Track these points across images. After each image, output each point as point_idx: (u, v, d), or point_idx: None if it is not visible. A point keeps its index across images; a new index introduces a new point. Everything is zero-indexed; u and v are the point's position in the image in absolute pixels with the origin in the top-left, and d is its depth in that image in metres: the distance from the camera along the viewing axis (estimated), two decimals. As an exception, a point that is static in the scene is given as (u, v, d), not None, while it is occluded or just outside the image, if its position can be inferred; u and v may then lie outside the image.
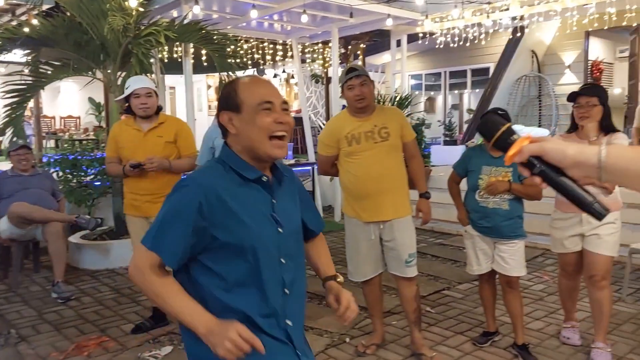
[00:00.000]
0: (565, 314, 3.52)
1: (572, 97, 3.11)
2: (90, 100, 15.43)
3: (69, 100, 15.66)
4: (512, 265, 3.20)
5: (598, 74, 10.06)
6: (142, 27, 5.38)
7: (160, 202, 3.71)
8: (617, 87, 10.05)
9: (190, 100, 6.43)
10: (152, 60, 5.60)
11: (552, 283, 4.69)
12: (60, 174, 6.16)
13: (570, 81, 9.36)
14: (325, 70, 12.11)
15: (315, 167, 7.87)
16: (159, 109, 3.62)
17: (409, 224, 3.22)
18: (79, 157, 6.32)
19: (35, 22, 5.29)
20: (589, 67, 9.47)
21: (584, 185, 1.03)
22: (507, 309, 3.37)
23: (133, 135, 3.55)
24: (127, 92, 3.53)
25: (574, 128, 3.18)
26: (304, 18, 6.81)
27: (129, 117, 3.62)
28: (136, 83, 3.54)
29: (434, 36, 8.66)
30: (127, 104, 3.57)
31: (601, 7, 6.82)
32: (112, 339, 3.62)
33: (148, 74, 5.14)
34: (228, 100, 1.49)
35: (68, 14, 5.54)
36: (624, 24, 7.13)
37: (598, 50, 10.00)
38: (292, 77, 15.85)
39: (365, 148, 3.10)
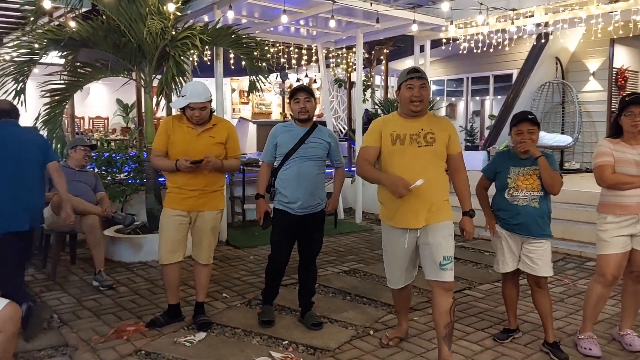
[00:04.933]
0: (586, 323, 3.47)
1: (624, 105, 3.30)
2: (119, 101, 15.79)
3: (98, 102, 16.04)
4: (540, 265, 3.31)
5: (623, 82, 10.05)
6: (178, 31, 5.61)
7: (204, 198, 3.97)
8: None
9: (221, 102, 6.64)
10: (187, 62, 5.82)
11: (572, 286, 4.78)
12: (96, 170, 6.41)
13: (595, 88, 9.37)
14: (348, 74, 12.27)
15: (344, 171, 8.02)
16: (212, 112, 3.78)
17: (447, 227, 3.08)
18: (114, 155, 6.57)
19: (72, 24, 5.51)
20: (614, 74, 9.46)
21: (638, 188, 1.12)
22: (537, 308, 3.47)
23: (186, 134, 3.69)
24: (183, 102, 3.60)
25: (618, 134, 3.36)
26: (332, 23, 6.98)
27: (182, 115, 3.73)
28: (193, 96, 3.57)
29: (457, 42, 8.76)
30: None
31: (626, 14, 6.86)
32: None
33: (183, 77, 5.36)
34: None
35: (105, 16, 5.80)
36: (650, 31, 7.16)
37: (623, 58, 9.98)
38: (315, 81, 16.05)
39: (408, 150, 3.02)
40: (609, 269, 3.33)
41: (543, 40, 9.02)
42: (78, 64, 5.97)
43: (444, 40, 8.76)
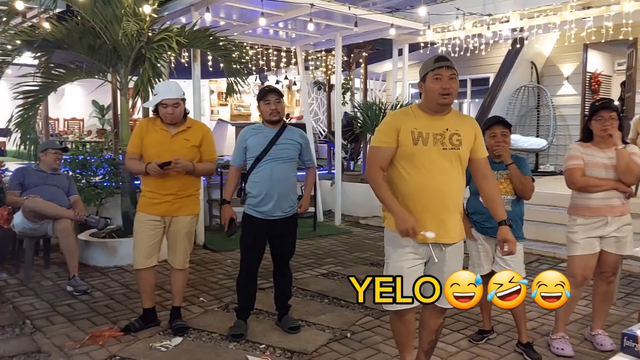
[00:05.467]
0: (559, 324, 3.53)
1: (594, 110, 3.36)
2: (94, 103, 15.60)
3: (73, 103, 15.83)
4: (513, 267, 3.33)
5: (596, 86, 10.26)
6: (155, 33, 5.56)
7: (178, 203, 3.89)
8: (615, 100, 10.24)
9: (198, 104, 6.60)
10: (164, 64, 5.77)
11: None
12: (70, 173, 6.31)
13: (569, 92, 9.55)
14: (328, 77, 12.30)
15: (317, 171, 8.05)
16: (186, 113, 3.76)
17: (461, 250, 2.78)
18: (89, 158, 6.48)
19: (46, 25, 5.43)
20: (588, 79, 9.66)
21: (607, 191, 1.15)
22: (511, 309, 3.49)
23: (160, 136, 3.66)
24: (155, 100, 3.62)
25: (589, 138, 3.43)
26: (310, 26, 7.00)
27: (157, 117, 3.71)
28: (165, 93, 3.60)
29: (435, 46, 8.86)
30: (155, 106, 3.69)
31: (599, 20, 7.01)
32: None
33: (160, 79, 5.31)
34: None
35: (79, 17, 5.72)
36: (621, 37, 7.32)
37: (597, 62, 10.19)
38: (294, 83, 16.06)
39: (431, 152, 2.60)
40: (579, 270, 3.40)
41: (518, 45, 9.17)
42: (52, 65, 5.87)
43: (422, 44, 8.83)
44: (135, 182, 5.85)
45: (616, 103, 4.71)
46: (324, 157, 11.94)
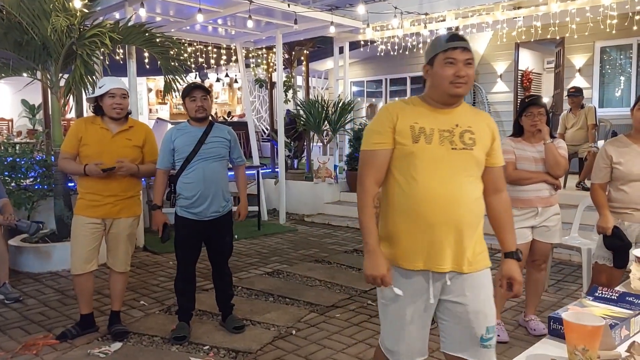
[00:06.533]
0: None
1: (524, 106, 3.52)
2: (24, 102, 14.86)
3: (1, 102, 15.01)
4: None
5: (528, 83, 10.74)
6: (87, 28, 5.35)
7: (121, 205, 3.78)
8: (545, 97, 10.75)
9: (135, 102, 6.40)
10: (97, 61, 5.56)
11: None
12: (-2, 176, 5.99)
13: (502, 90, 9.94)
14: (269, 75, 12.24)
15: (261, 170, 8.01)
16: (128, 112, 3.64)
17: (488, 279, 2.07)
18: (18, 160, 6.17)
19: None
20: (520, 77, 10.08)
21: (537, 183, 1.18)
22: None
23: (101, 135, 3.52)
24: (102, 91, 3.49)
25: (519, 133, 3.59)
26: (250, 23, 6.94)
27: (96, 116, 3.58)
28: (113, 83, 3.51)
29: (375, 44, 8.98)
30: (95, 103, 3.56)
31: (528, 20, 7.33)
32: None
33: (93, 76, 5.12)
34: None
35: (4, 12, 5.42)
36: (549, 36, 7.68)
37: (528, 61, 10.67)
38: (236, 81, 15.88)
39: (437, 153, 1.97)
40: None
41: (454, 44, 9.43)
42: (-25, 62, 5.55)
43: (362, 43, 8.94)
44: (69, 184, 5.61)
45: (546, 100, 4.98)
46: (267, 156, 11.89)
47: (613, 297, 1.86)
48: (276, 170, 8.84)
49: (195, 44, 9.52)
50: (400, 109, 2.05)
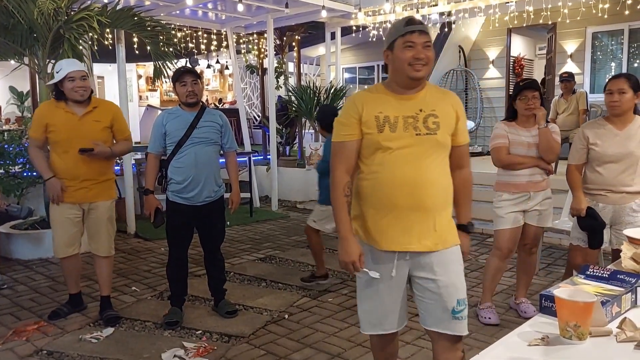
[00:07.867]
0: (486, 294, 3.70)
1: (519, 90, 3.49)
2: (12, 89, 14.67)
3: (-13, 89, 14.82)
4: None
5: (519, 69, 10.72)
6: (74, 12, 5.26)
7: (97, 189, 3.74)
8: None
9: (124, 88, 6.33)
10: (85, 46, 5.48)
11: (474, 261, 5.07)
12: (-15, 163, 5.92)
13: (494, 76, 9.92)
14: (261, 61, 12.15)
15: (252, 157, 7.97)
16: (91, 92, 3.59)
17: (457, 255, 2.19)
18: (6, 147, 6.09)
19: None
20: (512, 62, 10.06)
21: (530, 167, 1.18)
22: None
23: (67, 119, 3.47)
24: (60, 76, 3.44)
25: (513, 117, 3.58)
26: (240, 7, 6.86)
27: (59, 100, 3.53)
28: (70, 66, 3.47)
29: (367, 30, 8.93)
30: (55, 89, 3.52)
31: (521, 5, 7.31)
32: (51, 323, 3.60)
33: (82, 61, 5.04)
34: None
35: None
36: (541, 21, 7.67)
37: (520, 47, 10.64)
38: (227, 67, 15.75)
39: (401, 141, 2.06)
40: (505, 243, 3.57)
41: (447, 29, 9.42)
42: (-39, 46, 5.45)
43: (354, 28, 8.88)
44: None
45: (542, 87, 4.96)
46: (259, 143, 11.83)
47: (604, 275, 1.86)
48: (268, 157, 8.79)
49: (185, 29, 9.41)
50: (365, 100, 2.13)
